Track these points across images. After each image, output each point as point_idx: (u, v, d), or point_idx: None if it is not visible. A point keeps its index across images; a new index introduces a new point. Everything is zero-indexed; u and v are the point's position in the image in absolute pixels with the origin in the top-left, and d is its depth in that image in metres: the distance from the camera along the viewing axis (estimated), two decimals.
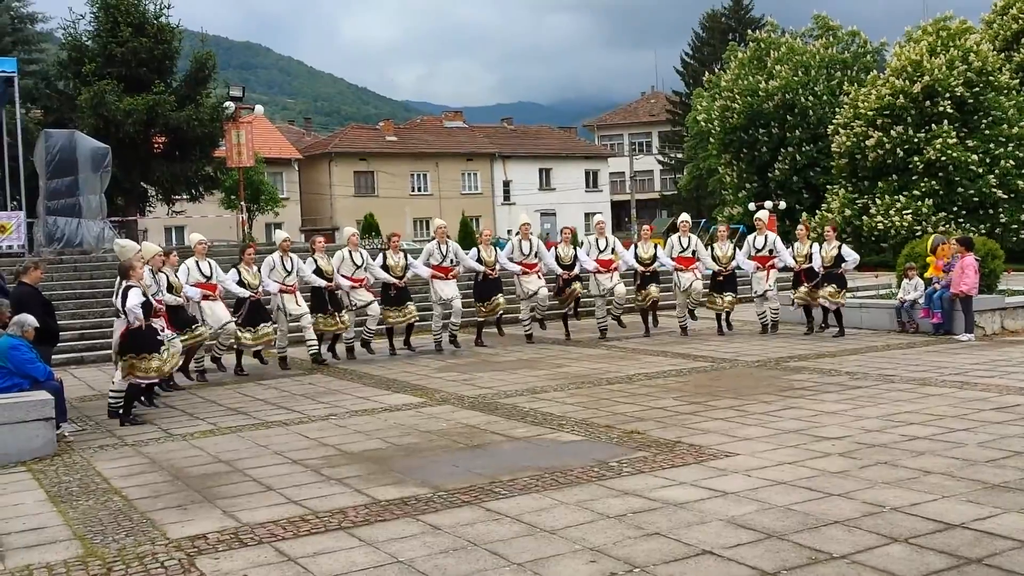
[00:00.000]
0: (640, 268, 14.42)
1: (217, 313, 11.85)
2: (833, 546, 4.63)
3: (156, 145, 27.88)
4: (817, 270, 13.54)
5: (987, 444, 6.60)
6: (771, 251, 14.09)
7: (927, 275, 13.69)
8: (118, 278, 9.40)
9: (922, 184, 29.38)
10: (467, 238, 31.97)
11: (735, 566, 4.42)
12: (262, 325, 12.28)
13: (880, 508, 5.21)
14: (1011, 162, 29.01)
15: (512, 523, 5.25)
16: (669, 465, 6.41)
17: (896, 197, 29.72)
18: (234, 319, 11.99)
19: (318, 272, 12.90)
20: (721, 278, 14.34)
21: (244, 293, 12.18)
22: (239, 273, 12.29)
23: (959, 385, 9.12)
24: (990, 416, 7.56)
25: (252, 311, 12.22)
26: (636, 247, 14.69)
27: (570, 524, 5.17)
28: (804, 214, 33.22)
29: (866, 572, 4.27)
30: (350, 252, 13.36)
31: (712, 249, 14.60)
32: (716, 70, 44.98)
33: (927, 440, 6.81)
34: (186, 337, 10.90)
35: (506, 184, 56.63)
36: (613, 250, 14.56)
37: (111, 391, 9.37)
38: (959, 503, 5.25)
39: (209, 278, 11.94)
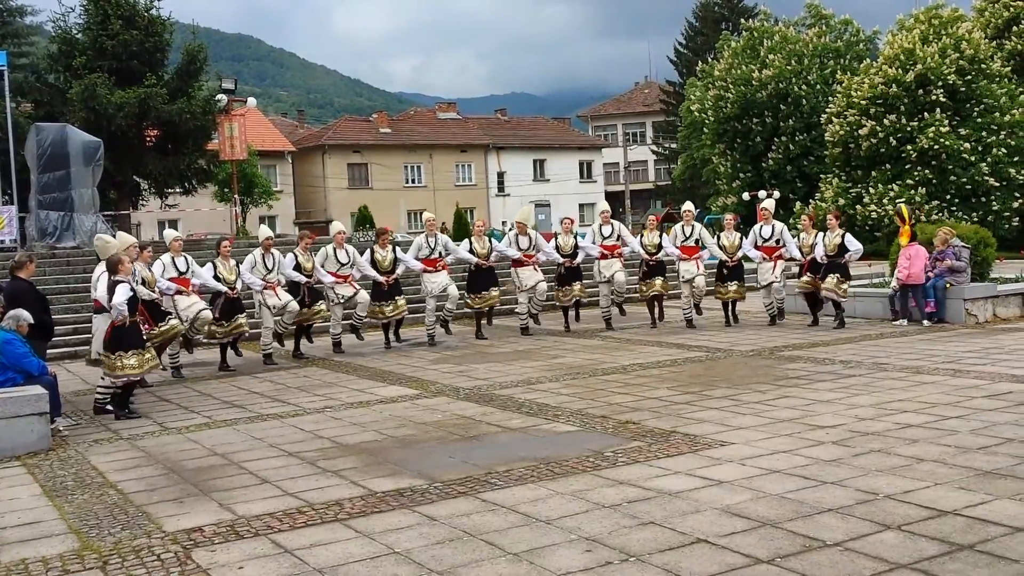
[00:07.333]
0: (646, 256, 14.45)
1: (192, 303, 11.79)
2: (827, 534, 4.66)
3: (148, 138, 27.76)
4: (819, 259, 13.33)
5: (979, 431, 6.64)
6: (778, 241, 13.98)
7: (901, 240, 13.73)
8: (97, 270, 9.32)
9: (915, 173, 29.40)
10: (461, 230, 31.93)
11: (730, 554, 4.45)
12: (236, 317, 12.23)
13: (873, 496, 5.24)
14: (1003, 150, 29.02)
15: (508, 513, 5.26)
16: (664, 455, 6.44)
17: (889, 186, 29.74)
18: (208, 307, 11.91)
19: (297, 268, 12.82)
20: (727, 269, 14.25)
21: (221, 287, 12.13)
22: (215, 267, 12.22)
23: (952, 373, 9.16)
24: (982, 404, 7.60)
25: (227, 305, 12.17)
26: (642, 236, 14.72)
27: (565, 514, 5.19)
28: (798, 204, 33.24)
29: (860, 559, 4.30)
30: (334, 249, 13.24)
31: (718, 239, 14.59)
32: (709, 59, 44.92)
33: (920, 428, 6.84)
34: (159, 332, 10.79)
35: (500, 175, 56.56)
36: (619, 237, 14.58)
37: (99, 387, 9.37)
38: (952, 490, 5.28)
39: (184, 273, 11.89)
